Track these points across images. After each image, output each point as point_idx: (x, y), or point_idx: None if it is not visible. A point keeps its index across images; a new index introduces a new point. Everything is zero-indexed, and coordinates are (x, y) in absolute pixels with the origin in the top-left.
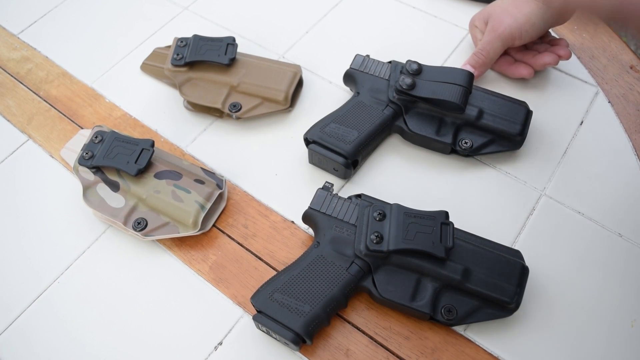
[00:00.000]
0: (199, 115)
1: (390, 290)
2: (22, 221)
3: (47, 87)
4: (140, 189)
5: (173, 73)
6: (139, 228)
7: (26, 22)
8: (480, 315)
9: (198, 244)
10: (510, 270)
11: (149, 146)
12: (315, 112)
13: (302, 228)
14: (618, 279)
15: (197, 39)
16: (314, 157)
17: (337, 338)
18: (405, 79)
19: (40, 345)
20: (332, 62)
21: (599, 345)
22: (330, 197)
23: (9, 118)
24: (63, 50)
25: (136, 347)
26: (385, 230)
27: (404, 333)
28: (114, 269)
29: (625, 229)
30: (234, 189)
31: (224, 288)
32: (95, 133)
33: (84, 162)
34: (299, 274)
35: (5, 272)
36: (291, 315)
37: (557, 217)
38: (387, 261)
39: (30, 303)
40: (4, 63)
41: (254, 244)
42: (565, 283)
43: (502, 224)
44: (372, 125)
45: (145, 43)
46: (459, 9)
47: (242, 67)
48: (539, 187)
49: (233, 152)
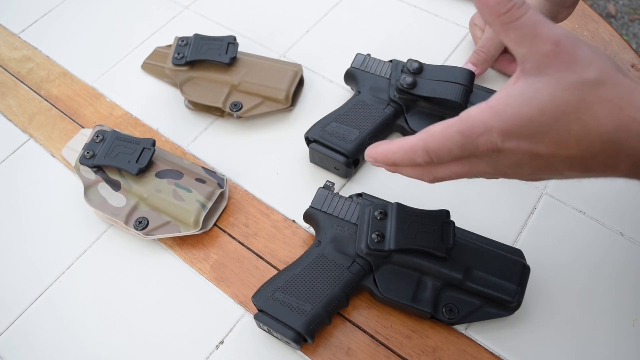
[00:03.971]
0: (200, 114)
1: (392, 289)
2: (24, 220)
3: (48, 87)
4: (141, 188)
5: (174, 72)
6: (140, 227)
7: (27, 22)
8: (482, 314)
9: (199, 243)
10: (511, 269)
11: (150, 145)
12: (316, 111)
13: (303, 227)
14: (619, 278)
15: (198, 38)
16: (315, 156)
17: (338, 337)
18: (406, 78)
19: (42, 344)
20: (333, 61)
21: (600, 343)
22: (331, 196)
23: (10, 117)
24: (64, 49)
25: (137, 346)
26: (387, 229)
27: (405, 332)
28: (115, 268)
29: (626, 227)
30: (235, 188)
31: (225, 287)
32: (96, 132)
33: (85, 162)
34: (300, 273)
35: (7, 271)
36: (292, 314)
37: (558, 215)
38: (388, 260)
39: (32, 302)
40: (5, 62)
41: (255, 243)
42: (567, 282)
43: (503, 222)
44: (373, 124)
45: (146, 42)
46: (460, 8)
47: (243, 66)
48: (540, 185)
49: (234, 151)
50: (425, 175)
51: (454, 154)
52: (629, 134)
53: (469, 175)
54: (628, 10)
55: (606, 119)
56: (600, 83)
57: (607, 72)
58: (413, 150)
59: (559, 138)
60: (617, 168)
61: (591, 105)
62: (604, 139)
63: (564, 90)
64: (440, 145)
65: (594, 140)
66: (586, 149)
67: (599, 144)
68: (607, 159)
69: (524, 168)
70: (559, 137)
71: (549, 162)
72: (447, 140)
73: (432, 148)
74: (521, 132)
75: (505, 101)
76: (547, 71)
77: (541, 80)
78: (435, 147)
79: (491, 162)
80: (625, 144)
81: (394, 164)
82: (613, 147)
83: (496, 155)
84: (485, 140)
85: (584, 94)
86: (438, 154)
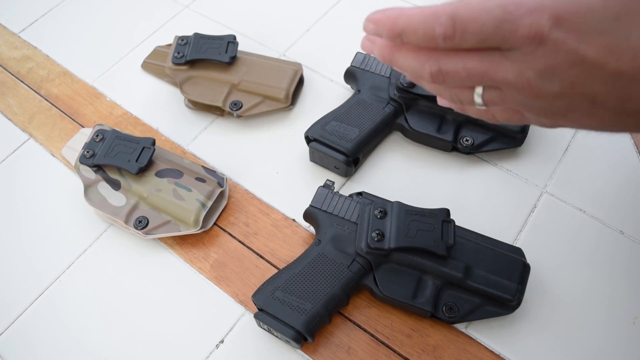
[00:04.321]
0: (200, 113)
1: (392, 288)
2: (23, 220)
3: (48, 86)
4: (141, 188)
5: (174, 71)
6: (140, 226)
7: (27, 21)
8: (482, 312)
9: (199, 242)
10: (511, 268)
11: (150, 144)
12: (316, 110)
13: (303, 226)
14: (619, 276)
15: (197, 37)
16: (315, 155)
17: (338, 336)
18: (406, 77)
19: (42, 344)
20: (333, 60)
21: (601, 342)
22: (331, 195)
23: (10, 117)
24: (64, 49)
25: (137, 345)
26: (387, 228)
27: (406, 331)
28: (115, 268)
29: (626, 226)
30: (235, 187)
31: (225, 286)
32: (96, 132)
33: (85, 161)
34: (300, 272)
35: (7, 271)
36: (292, 313)
37: (558, 214)
38: (389, 259)
39: (32, 302)
40: (5, 62)
41: (255, 242)
42: (567, 280)
43: (504, 221)
44: (373, 123)
45: (146, 41)
46: None
47: (243, 65)
48: (541, 184)
49: (234, 151)
50: (430, 63)
51: (486, 31)
52: None
53: (482, 78)
54: None
55: None
56: None
57: None
58: (436, 15)
59: (614, 43)
60: None
61: None
62: None
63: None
64: (474, 15)
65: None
66: (638, 68)
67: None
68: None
69: (554, 81)
70: (614, 41)
71: (589, 77)
72: (484, 11)
73: (462, 16)
74: (576, 22)
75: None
76: None
77: None
78: (467, 16)
79: (520, 62)
80: None
81: (401, 32)
82: None
83: (534, 49)
84: (530, 22)
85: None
86: (466, 27)
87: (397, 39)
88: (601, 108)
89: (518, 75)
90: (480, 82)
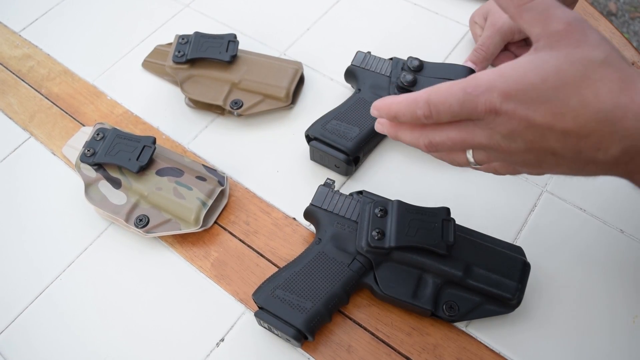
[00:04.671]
0: (201, 112)
1: (392, 286)
2: (24, 218)
3: (49, 85)
4: (142, 186)
5: (174, 70)
6: (140, 225)
7: (28, 20)
8: (482, 311)
9: (200, 240)
10: (511, 267)
11: (150, 143)
12: (316, 109)
13: (303, 225)
14: (619, 275)
15: (198, 36)
16: (315, 154)
17: (338, 334)
18: (407, 76)
19: (42, 343)
20: (333, 59)
21: (601, 341)
22: (331, 193)
23: (11, 115)
24: (65, 47)
25: (138, 343)
26: (387, 226)
27: (406, 329)
28: (115, 266)
29: (626, 225)
30: (236, 186)
31: (226, 285)
32: (96, 130)
33: (86, 159)
34: (301, 271)
35: (7, 269)
36: (293, 311)
37: (558, 213)
38: (389, 257)
39: (32, 300)
40: (5, 61)
41: (255, 241)
42: (567, 279)
43: (504, 220)
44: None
45: (147, 40)
46: (460, 6)
47: (244, 64)
48: (541, 183)
49: (234, 149)
50: (422, 138)
51: (454, 110)
52: (625, 114)
53: (464, 144)
54: (629, 8)
55: (605, 96)
56: (605, 64)
57: (613, 57)
58: (416, 101)
59: (556, 109)
60: (608, 152)
61: (593, 82)
62: (599, 117)
63: (570, 64)
64: (442, 99)
65: (590, 117)
66: (581, 126)
67: (594, 122)
68: (600, 140)
69: (517, 141)
70: (556, 107)
71: (543, 136)
72: (450, 94)
73: (433, 100)
74: (521, 96)
75: (513, 67)
76: (557, 47)
77: (550, 54)
78: (437, 100)
79: (487, 129)
80: (619, 124)
81: (395, 116)
82: (607, 127)
83: (493, 119)
84: (485, 100)
85: (588, 70)
86: (438, 108)
87: (395, 120)
88: (562, 159)
89: (489, 139)
90: (463, 148)
